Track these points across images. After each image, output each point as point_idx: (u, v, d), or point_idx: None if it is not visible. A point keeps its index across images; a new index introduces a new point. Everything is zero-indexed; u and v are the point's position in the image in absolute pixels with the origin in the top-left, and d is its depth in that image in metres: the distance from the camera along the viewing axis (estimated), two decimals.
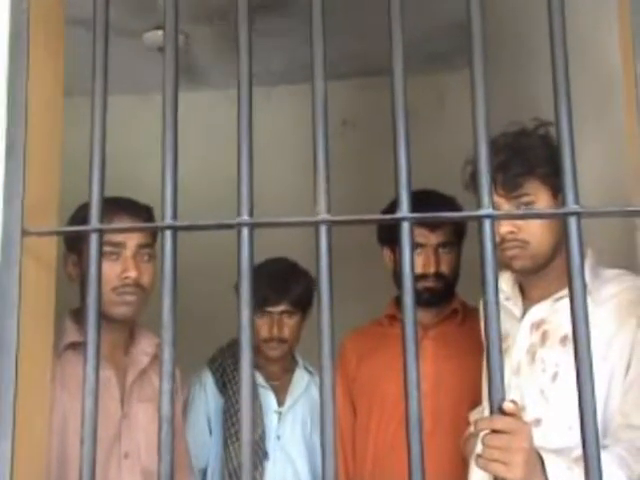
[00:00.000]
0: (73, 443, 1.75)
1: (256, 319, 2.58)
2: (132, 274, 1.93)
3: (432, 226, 2.43)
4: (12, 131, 1.30)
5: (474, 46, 1.24)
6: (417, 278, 1.96)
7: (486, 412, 1.55)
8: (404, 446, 1.16)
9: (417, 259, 2.35)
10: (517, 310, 1.92)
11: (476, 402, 2.16)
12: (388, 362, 2.42)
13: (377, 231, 2.63)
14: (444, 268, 2.49)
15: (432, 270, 2.46)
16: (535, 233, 1.81)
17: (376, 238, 2.64)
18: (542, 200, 1.83)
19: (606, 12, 1.95)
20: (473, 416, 2.16)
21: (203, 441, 2.63)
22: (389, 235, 2.53)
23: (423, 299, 2.42)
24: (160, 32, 3.70)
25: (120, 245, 1.94)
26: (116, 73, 1.58)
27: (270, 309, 2.63)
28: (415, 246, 2.24)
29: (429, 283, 2.46)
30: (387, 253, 2.60)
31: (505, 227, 1.79)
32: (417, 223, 1.31)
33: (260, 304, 2.59)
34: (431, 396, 2.34)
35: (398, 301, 2.59)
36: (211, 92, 4.50)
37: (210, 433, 2.65)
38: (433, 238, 2.46)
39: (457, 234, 2.53)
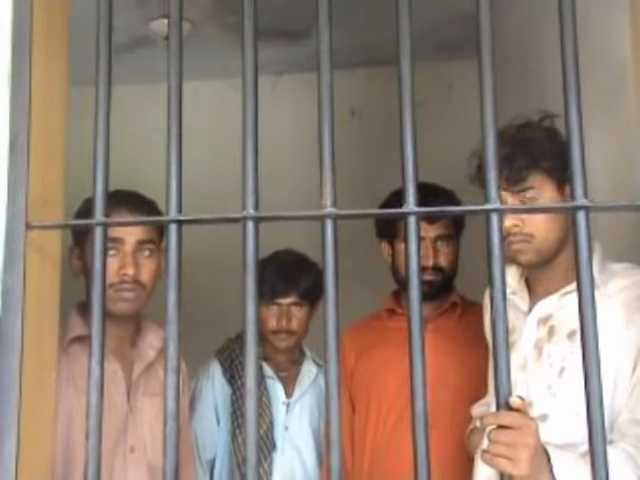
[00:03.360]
0: (79, 437, 1.74)
1: (265, 310, 2.59)
2: (129, 271, 1.89)
3: (431, 219, 2.39)
4: (15, 124, 1.29)
5: (482, 37, 1.22)
6: None
7: (493, 407, 1.53)
8: (403, 437, 1.16)
9: None
10: (524, 304, 1.90)
11: (476, 395, 2.15)
12: (388, 356, 2.42)
13: (375, 225, 2.58)
14: (442, 261, 2.47)
15: (430, 263, 2.43)
16: (540, 227, 1.79)
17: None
18: (547, 193, 1.81)
19: (616, 4, 1.93)
20: (475, 410, 2.15)
21: (211, 431, 2.64)
22: (387, 229, 2.52)
23: (422, 292, 2.39)
24: (166, 21, 3.69)
25: (118, 241, 1.89)
26: (123, 63, 1.57)
27: (279, 300, 2.63)
28: None
29: (427, 276, 2.41)
30: (385, 247, 2.57)
31: (510, 221, 1.76)
32: None
33: (269, 295, 2.59)
34: (431, 389, 2.31)
35: (396, 295, 2.59)
36: (218, 81, 4.48)
37: (218, 423, 2.65)
38: (432, 231, 2.43)
39: (456, 227, 2.51)
